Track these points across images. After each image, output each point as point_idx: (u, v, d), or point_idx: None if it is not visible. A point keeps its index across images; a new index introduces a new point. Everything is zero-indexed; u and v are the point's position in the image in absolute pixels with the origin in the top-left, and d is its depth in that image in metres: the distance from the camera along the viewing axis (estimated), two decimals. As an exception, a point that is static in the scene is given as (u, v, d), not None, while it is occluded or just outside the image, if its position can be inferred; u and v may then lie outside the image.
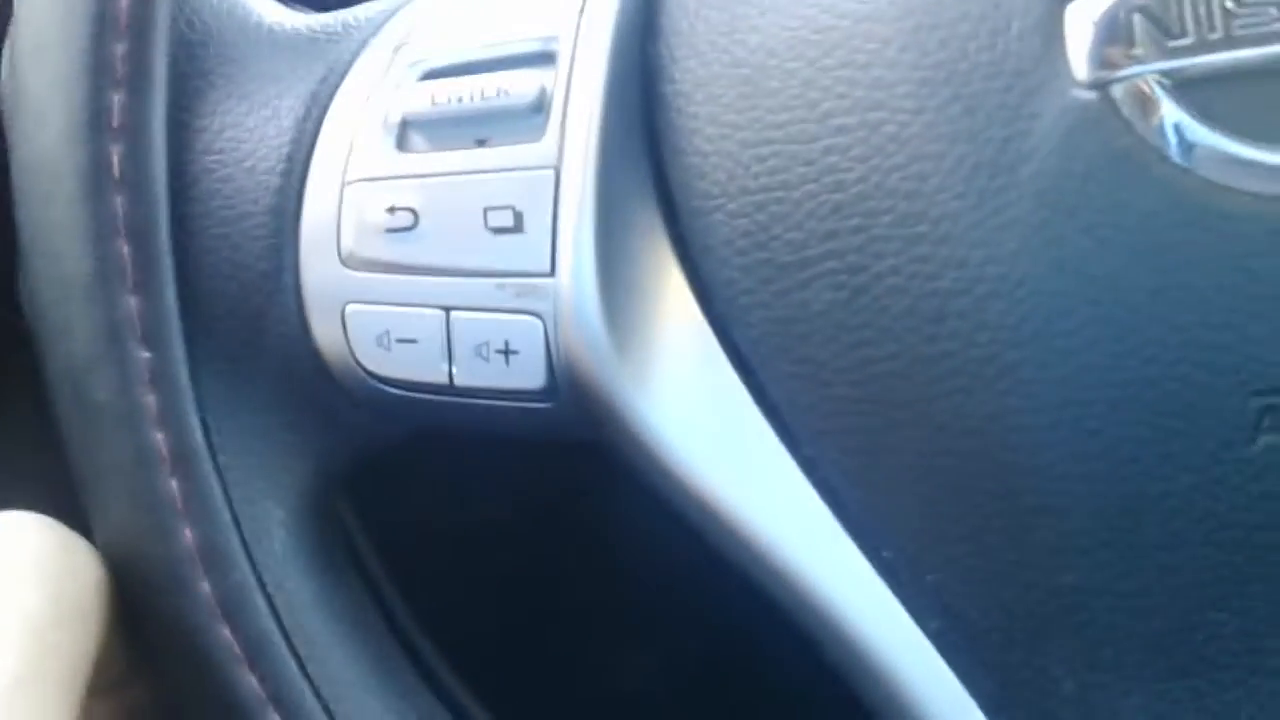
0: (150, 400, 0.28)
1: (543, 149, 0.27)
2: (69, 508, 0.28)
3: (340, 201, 0.28)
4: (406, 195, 0.28)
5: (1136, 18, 0.23)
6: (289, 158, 0.29)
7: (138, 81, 0.28)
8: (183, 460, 0.28)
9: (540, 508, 0.42)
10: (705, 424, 0.27)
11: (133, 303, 0.28)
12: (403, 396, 0.29)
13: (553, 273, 0.27)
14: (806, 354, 0.26)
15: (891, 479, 0.26)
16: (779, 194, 0.26)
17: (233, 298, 0.29)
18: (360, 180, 0.28)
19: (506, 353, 0.28)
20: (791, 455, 0.27)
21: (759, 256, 0.26)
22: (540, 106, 0.28)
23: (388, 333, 0.28)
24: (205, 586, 0.27)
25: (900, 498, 0.26)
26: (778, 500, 0.27)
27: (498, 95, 0.28)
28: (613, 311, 0.27)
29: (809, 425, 0.27)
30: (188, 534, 0.27)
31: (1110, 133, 0.23)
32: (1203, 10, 0.22)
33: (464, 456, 0.34)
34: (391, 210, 0.28)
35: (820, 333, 0.26)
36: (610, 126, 0.27)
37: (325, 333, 0.29)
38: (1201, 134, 0.23)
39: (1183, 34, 0.22)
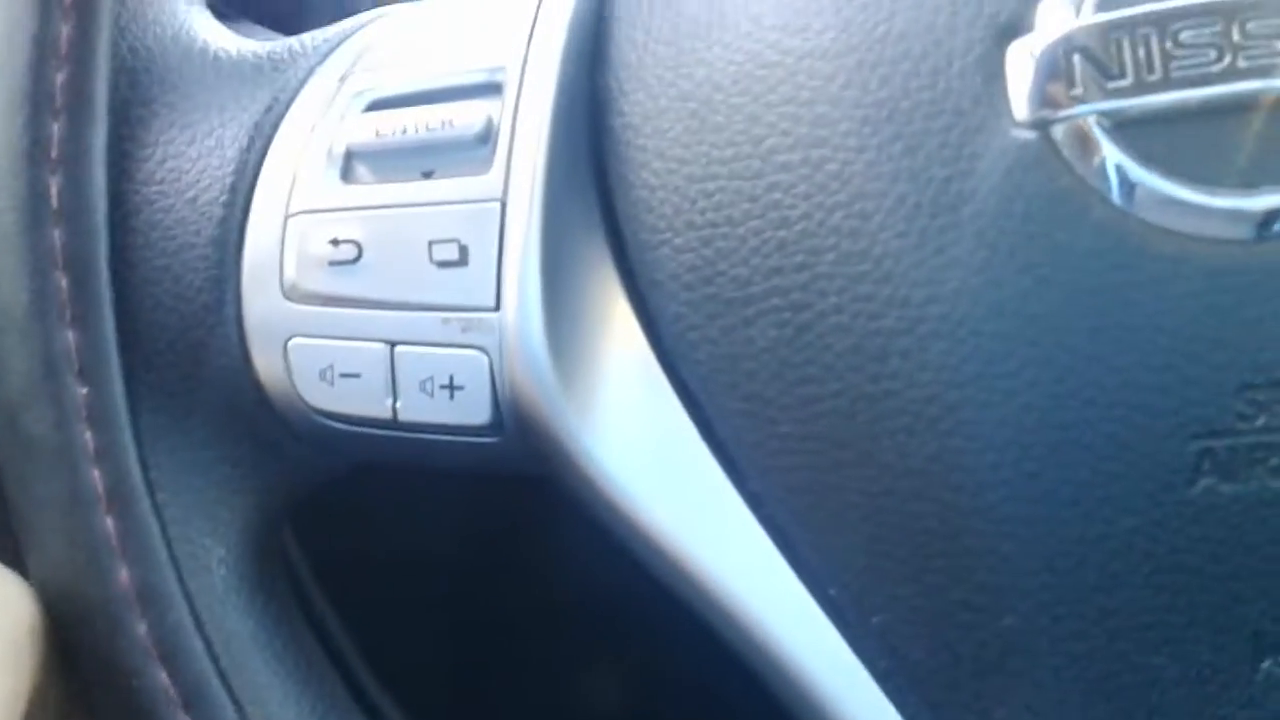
0: (87, 436, 0.27)
1: (488, 182, 0.27)
2: (3, 544, 0.28)
3: (283, 233, 0.28)
4: (350, 228, 0.27)
5: (1076, 58, 0.23)
6: (232, 188, 0.28)
7: (78, 111, 0.28)
8: (120, 498, 0.27)
9: (486, 539, 0.42)
10: (651, 459, 0.27)
11: (70, 336, 0.27)
12: (346, 431, 0.29)
13: (498, 307, 0.27)
14: (752, 390, 0.26)
15: (837, 517, 0.26)
16: (724, 229, 0.26)
17: (173, 331, 0.28)
18: (303, 212, 0.28)
19: (451, 388, 0.27)
20: (738, 491, 0.27)
21: (705, 292, 0.26)
22: (486, 138, 0.27)
23: (331, 367, 0.28)
24: (142, 628, 0.27)
25: (846, 536, 0.26)
26: (723, 536, 0.27)
27: (443, 127, 0.27)
28: (559, 346, 0.27)
29: (755, 462, 0.26)
30: (124, 574, 0.27)
31: (1050, 173, 0.23)
32: (1142, 51, 0.22)
33: (409, 487, 0.34)
34: (335, 243, 0.27)
35: (765, 370, 0.26)
36: (557, 159, 0.27)
37: (267, 366, 0.28)
38: (1141, 175, 0.23)
39: (1122, 75, 0.22)
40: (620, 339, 0.27)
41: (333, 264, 0.27)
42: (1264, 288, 0.22)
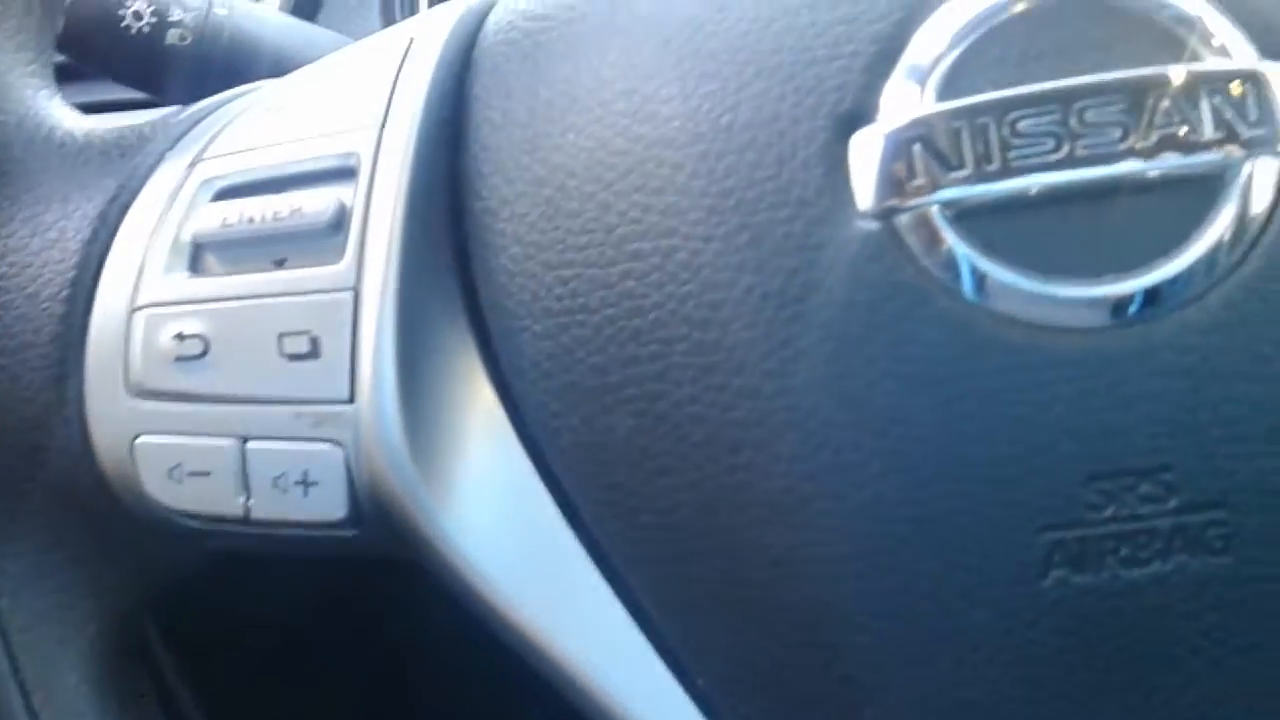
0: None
1: (340, 270, 0.26)
2: None
3: (128, 328, 0.27)
4: (197, 321, 0.27)
5: (917, 148, 0.23)
6: (74, 283, 0.27)
7: None
8: None
9: (353, 621, 0.41)
10: (517, 547, 0.26)
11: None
12: (199, 527, 0.28)
13: (352, 400, 0.26)
14: (614, 479, 0.25)
15: (702, 608, 0.25)
16: (580, 317, 0.25)
17: (13, 432, 0.27)
18: (149, 306, 0.27)
19: (305, 484, 0.26)
20: (604, 579, 0.26)
21: (564, 379, 0.26)
22: (339, 225, 0.27)
23: (180, 465, 0.27)
24: None
25: (711, 627, 0.25)
26: (591, 625, 0.26)
27: (292, 215, 0.27)
28: (417, 437, 0.26)
29: (620, 550, 0.26)
30: None
31: (894, 263, 0.23)
32: (981, 141, 0.22)
33: (272, 574, 0.33)
34: (181, 337, 0.27)
35: (626, 459, 0.25)
36: (413, 244, 0.26)
37: (114, 465, 0.27)
38: (985, 265, 0.22)
39: (961, 165, 0.22)
40: (483, 426, 0.27)
41: (179, 359, 0.27)
42: (1108, 377, 0.22)
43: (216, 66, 0.40)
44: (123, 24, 0.39)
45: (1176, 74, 0.22)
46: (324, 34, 0.42)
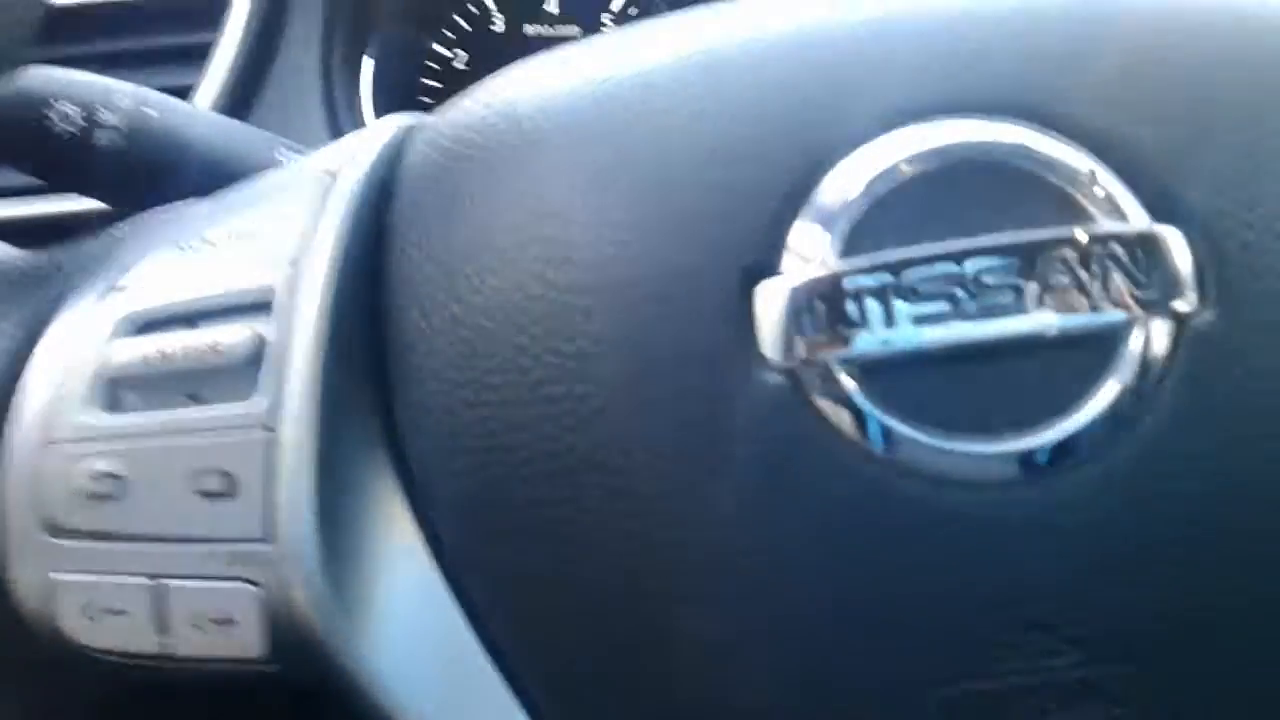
0: None
1: (255, 406, 0.26)
2: None
3: (41, 465, 0.27)
4: (111, 459, 0.26)
5: (818, 303, 0.23)
6: None
7: None
8: None
9: None
10: (438, 678, 0.26)
11: None
12: (118, 662, 0.27)
13: (268, 538, 0.26)
14: (533, 618, 0.26)
15: None
16: (497, 456, 0.25)
17: None
18: (62, 441, 0.27)
19: (223, 622, 0.26)
20: (524, 711, 0.26)
21: (483, 516, 0.26)
22: (255, 360, 0.27)
23: (93, 603, 0.27)
24: None
25: None
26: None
27: (209, 350, 0.27)
28: (337, 573, 0.26)
29: (539, 684, 0.26)
30: None
31: (800, 416, 0.23)
32: (880, 298, 0.23)
33: (191, 704, 0.32)
34: (95, 476, 0.26)
35: (543, 596, 0.25)
36: (330, 379, 0.26)
37: (29, 601, 0.27)
38: (888, 420, 0.23)
39: (862, 321, 0.23)
40: (403, 559, 0.27)
41: (93, 497, 0.26)
42: (1012, 531, 0.23)
43: (145, 167, 0.40)
44: (49, 126, 0.39)
45: (1072, 235, 0.23)
46: (256, 133, 0.42)
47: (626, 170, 0.25)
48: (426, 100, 0.75)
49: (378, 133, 0.29)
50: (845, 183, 0.23)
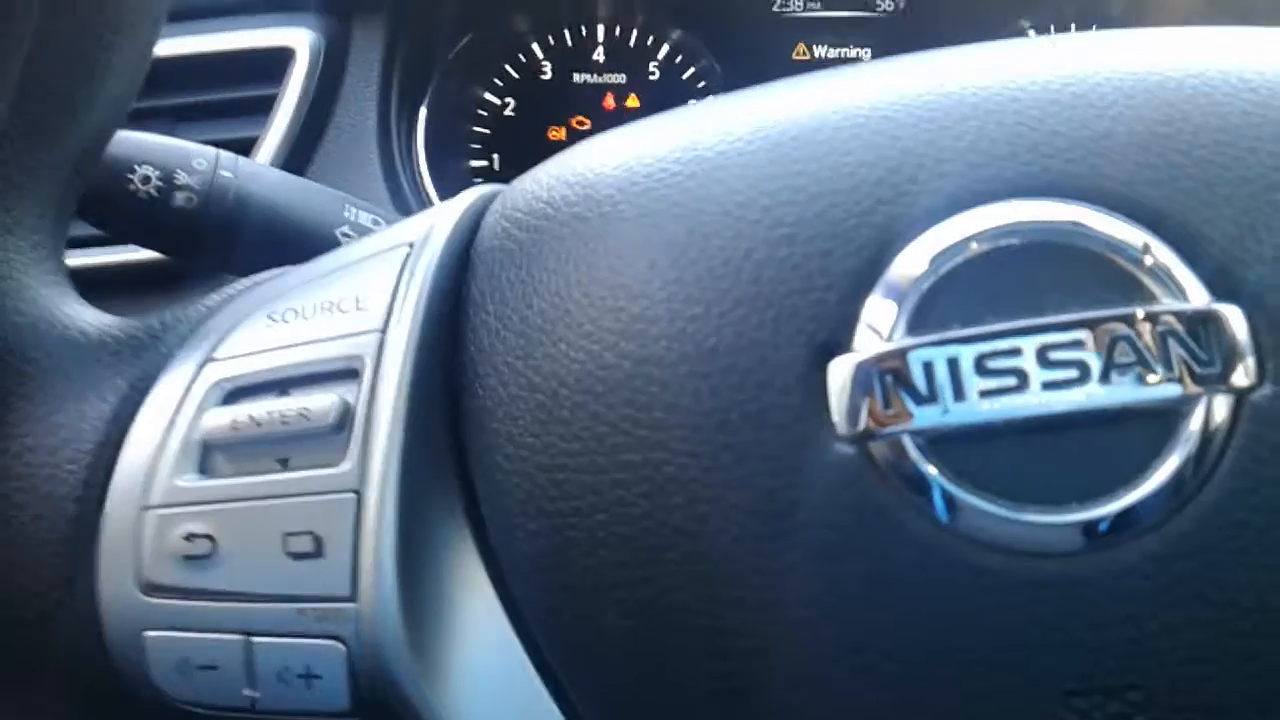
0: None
1: (343, 472, 0.27)
2: None
3: (138, 527, 0.28)
4: (205, 522, 0.28)
5: (889, 378, 0.24)
6: (86, 484, 0.28)
7: None
8: None
9: None
10: None
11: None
12: (205, 715, 0.28)
13: (354, 597, 0.27)
14: (609, 677, 0.26)
15: None
16: (573, 520, 0.26)
17: (26, 625, 0.28)
18: (159, 506, 0.28)
19: (309, 677, 0.27)
20: None
21: (559, 578, 0.27)
22: (342, 426, 0.28)
23: (187, 660, 0.28)
24: None
25: None
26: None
27: (298, 418, 0.28)
28: (418, 631, 0.27)
29: None
30: None
31: (870, 486, 0.24)
32: (949, 374, 0.24)
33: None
34: (189, 537, 0.28)
35: (619, 658, 0.26)
36: (412, 444, 0.28)
37: (123, 658, 0.28)
38: (955, 490, 0.24)
39: (931, 396, 0.24)
40: (481, 619, 0.28)
41: (187, 558, 0.28)
42: (1077, 599, 0.23)
43: (219, 226, 0.42)
44: (130, 188, 0.41)
45: (1134, 313, 0.23)
46: (326, 193, 0.44)
47: (700, 246, 0.26)
48: (477, 147, 0.77)
49: (456, 205, 0.30)
50: (914, 261, 0.24)
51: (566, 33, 0.77)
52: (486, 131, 0.77)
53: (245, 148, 0.64)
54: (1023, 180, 0.25)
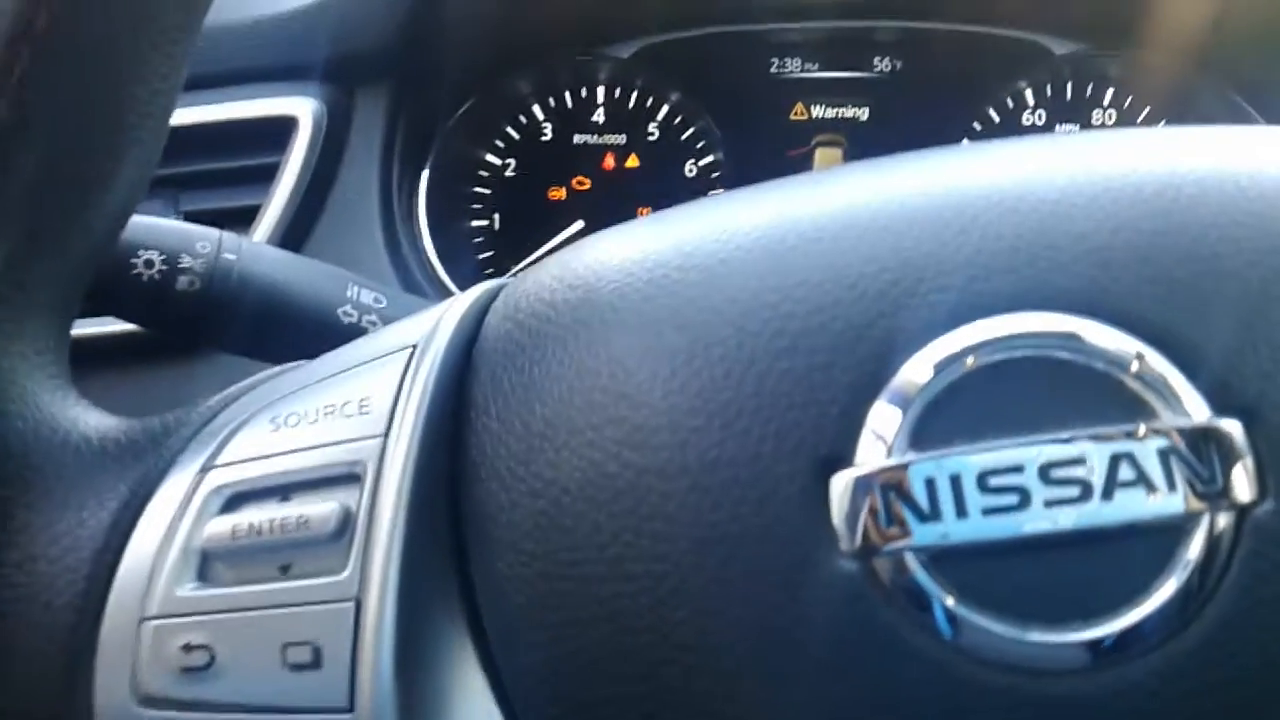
0: None
1: (343, 580, 0.27)
2: None
3: (136, 639, 0.28)
4: (204, 632, 0.28)
5: (891, 495, 0.24)
6: (85, 594, 0.28)
7: None
8: None
9: None
10: None
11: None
12: None
13: (351, 708, 0.27)
14: None
15: None
16: (573, 630, 0.26)
17: None
18: (157, 617, 0.28)
19: None
20: None
21: (559, 689, 0.26)
22: (343, 532, 0.28)
23: None
24: None
25: None
26: None
27: (298, 526, 0.28)
28: None
29: None
30: None
31: (873, 603, 0.24)
32: (951, 490, 0.23)
33: None
34: (187, 648, 0.27)
35: None
36: (413, 551, 0.27)
37: None
38: (958, 608, 0.23)
39: (934, 513, 0.23)
40: None
41: (185, 670, 0.27)
42: (1087, 716, 0.23)
43: (222, 306, 0.42)
44: (134, 272, 0.41)
45: (1136, 430, 0.23)
46: (329, 272, 0.44)
47: (702, 356, 0.26)
48: (478, 207, 0.77)
49: (459, 304, 0.30)
50: (915, 375, 0.24)
51: (567, 95, 0.77)
52: (488, 192, 0.77)
53: (249, 215, 0.64)
54: (1021, 294, 0.25)
